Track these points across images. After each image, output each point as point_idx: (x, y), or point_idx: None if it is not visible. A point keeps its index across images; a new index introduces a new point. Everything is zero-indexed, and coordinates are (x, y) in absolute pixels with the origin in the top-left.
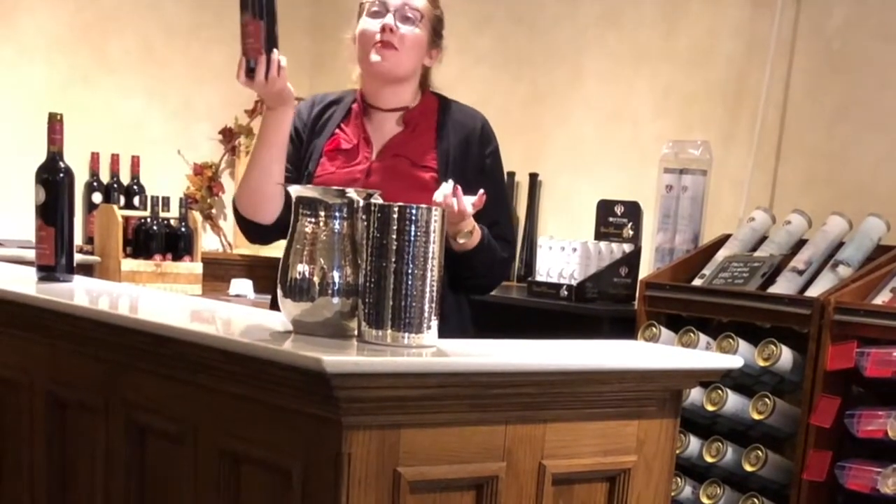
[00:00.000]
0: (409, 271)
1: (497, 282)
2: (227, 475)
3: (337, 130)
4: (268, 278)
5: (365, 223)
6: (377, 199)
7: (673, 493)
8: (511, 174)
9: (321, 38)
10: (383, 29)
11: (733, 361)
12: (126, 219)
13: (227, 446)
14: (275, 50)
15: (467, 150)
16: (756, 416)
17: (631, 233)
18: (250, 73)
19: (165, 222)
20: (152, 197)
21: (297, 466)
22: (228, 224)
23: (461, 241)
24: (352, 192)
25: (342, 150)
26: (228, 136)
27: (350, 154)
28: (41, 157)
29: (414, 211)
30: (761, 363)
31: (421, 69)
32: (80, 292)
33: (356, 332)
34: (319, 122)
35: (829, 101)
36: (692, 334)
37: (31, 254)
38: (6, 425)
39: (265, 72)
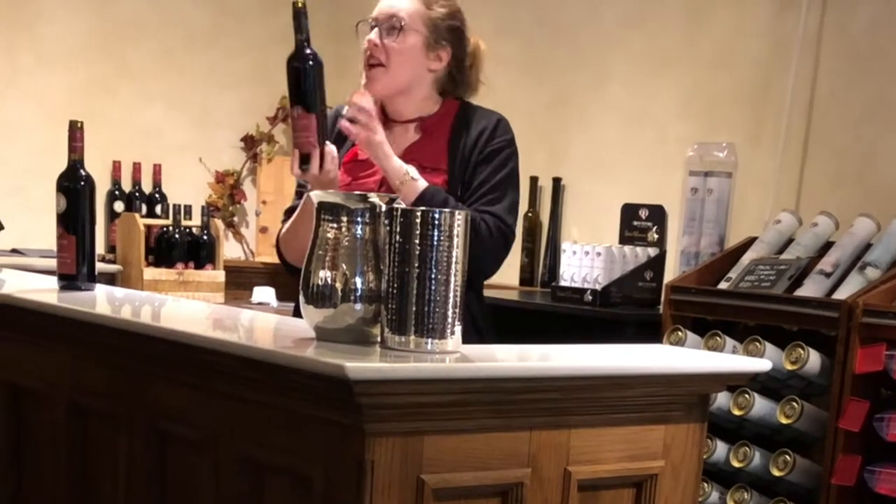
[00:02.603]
0: (433, 276)
1: (479, 260)
2: (248, 483)
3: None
4: (290, 286)
5: (388, 228)
6: (399, 204)
7: (700, 499)
8: (534, 178)
9: (342, 43)
10: (367, 47)
11: (761, 365)
12: (148, 227)
13: (249, 454)
14: (327, 142)
15: (476, 144)
16: (784, 421)
17: (656, 236)
18: (303, 165)
19: (187, 230)
20: (174, 205)
21: (320, 474)
22: (250, 232)
23: (393, 186)
24: (374, 197)
25: (359, 161)
26: (250, 143)
27: (366, 164)
28: (62, 166)
29: (437, 215)
30: (789, 367)
31: (431, 75)
32: (102, 301)
33: (379, 339)
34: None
35: (855, 101)
36: (718, 338)
37: (52, 263)
38: (28, 434)
39: (319, 165)
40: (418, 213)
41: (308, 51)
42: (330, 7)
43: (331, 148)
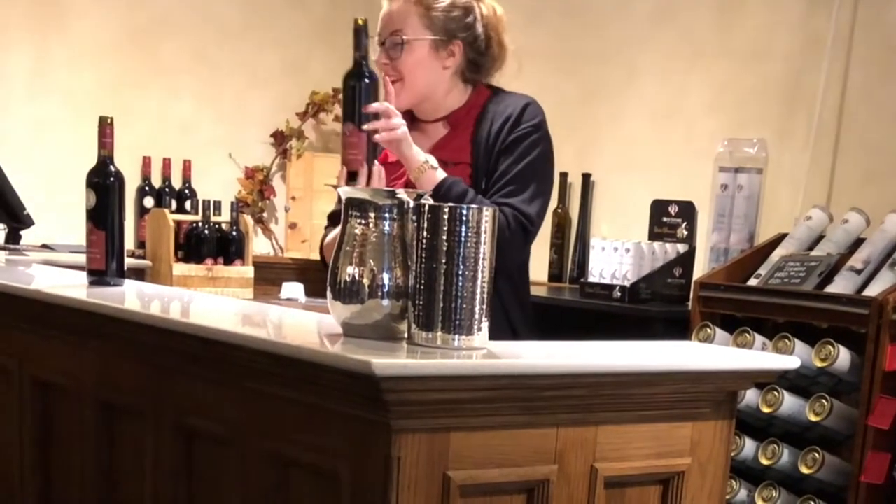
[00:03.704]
0: (460, 273)
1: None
2: (275, 479)
3: None
4: (319, 282)
5: (415, 224)
6: (427, 200)
7: (728, 496)
8: (563, 174)
9: (372, 41)
10: (379, 66)
11: (790, 362)
12: (177, 223)
13: (276, 450)
14: (376, 161)
15: (500, 134)
16: (813, 418)
17: (685, 233)
18: (350, 182)
19: (217, 226)
20: (203, 201)
21: (346, 470)
22: (279, 228)
23: (411, 176)
24: (402, 193)
25: (389, 164)
26: (280, 139)
27: (396, 166)
28: (92, 161)
29: (465, 212)
30: (818, 364)
31: (448, 71)
32: (131, 296)
33: (406, 335)
34: None
35: (887, 96)
36: (747, 335)
37: (81, 258)
38: (56, 429)
39: (366, 182)
40: (446, 209)
41: (365, 69)
42: (363, 9)
43: (378, 167)
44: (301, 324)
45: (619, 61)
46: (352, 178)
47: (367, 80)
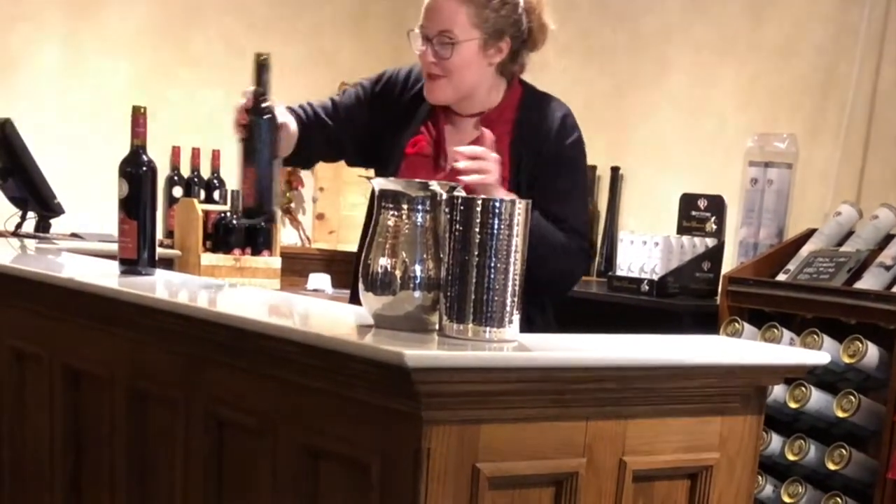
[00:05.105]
0: (492, 265)
1: (564, 274)
2: (305, 469)
3: (423, 129)
4: (346, 273)
5: (448, 216)
6: (460, 192)
7: (754, 491)
8: (592, 168)
9: (400, 31)
10: (425, 62)
11: (820, 357)
12: (206, 213)
13: (306, 440)
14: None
15: (542, 146)
16: (840, 414)
17: (714, 227)
18: (243, 217)
19: None
20: (232, 191)
21: (376, 461)
22: (307, 218)
23: None
24: (435, 185)
25: (422, 157)
26: None
27: (426, 161)
28: (123, 151)
29: (497, 204)
30: (846, 360)
31: (492, 67)
32: (162, 286)
33: (437, 327)
34: (407, 111)
35: None
36: (776, 330)
37: (109, 247)
38: (87, 418)
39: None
40: (479, 202)
41: (263, 105)
42: (391, 1)
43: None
44: (332, 314)
45: (649, 55)
46: (247, 214)
47: (265, 117)
